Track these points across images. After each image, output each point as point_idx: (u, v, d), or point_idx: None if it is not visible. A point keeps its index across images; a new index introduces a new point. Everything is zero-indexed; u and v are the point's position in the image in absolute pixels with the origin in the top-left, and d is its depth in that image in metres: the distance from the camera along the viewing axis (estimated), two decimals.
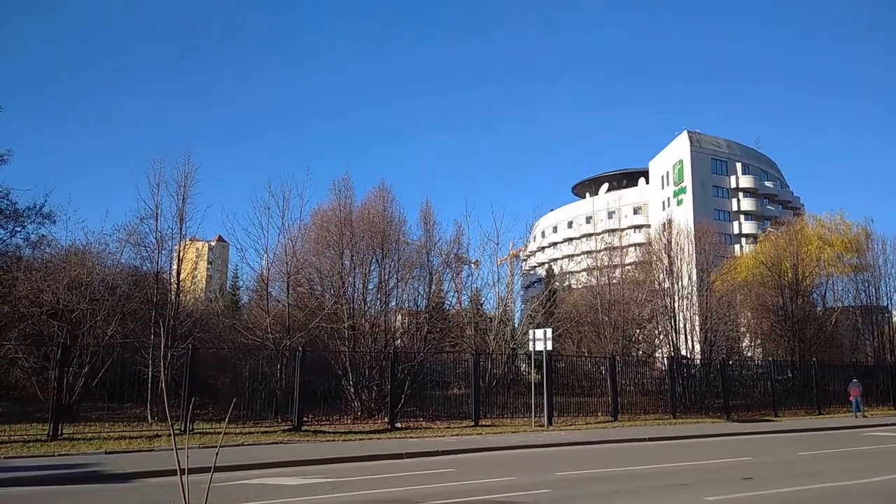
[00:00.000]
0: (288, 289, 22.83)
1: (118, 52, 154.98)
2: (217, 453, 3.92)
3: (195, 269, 31.89)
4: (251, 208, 22.40)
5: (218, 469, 11.89)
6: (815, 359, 31.99)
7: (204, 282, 63.32)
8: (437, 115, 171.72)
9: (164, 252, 21.66)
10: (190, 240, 27.42)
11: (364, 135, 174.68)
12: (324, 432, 18.44)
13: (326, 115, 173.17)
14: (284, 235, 22.91)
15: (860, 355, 38.67)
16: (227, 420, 5.33)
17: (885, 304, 42.45)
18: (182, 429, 16.08)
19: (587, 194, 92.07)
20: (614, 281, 37.65)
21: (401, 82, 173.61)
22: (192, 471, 3.73)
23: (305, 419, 19.27)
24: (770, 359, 32.39)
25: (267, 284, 23.42)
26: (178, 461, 3.50)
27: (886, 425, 24.43)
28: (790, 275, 36.43)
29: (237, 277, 44.94)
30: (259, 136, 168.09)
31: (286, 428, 18.46)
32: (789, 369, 32.47)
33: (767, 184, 78.00)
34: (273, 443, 16.34)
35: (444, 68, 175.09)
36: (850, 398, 28.87)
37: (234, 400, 8.71)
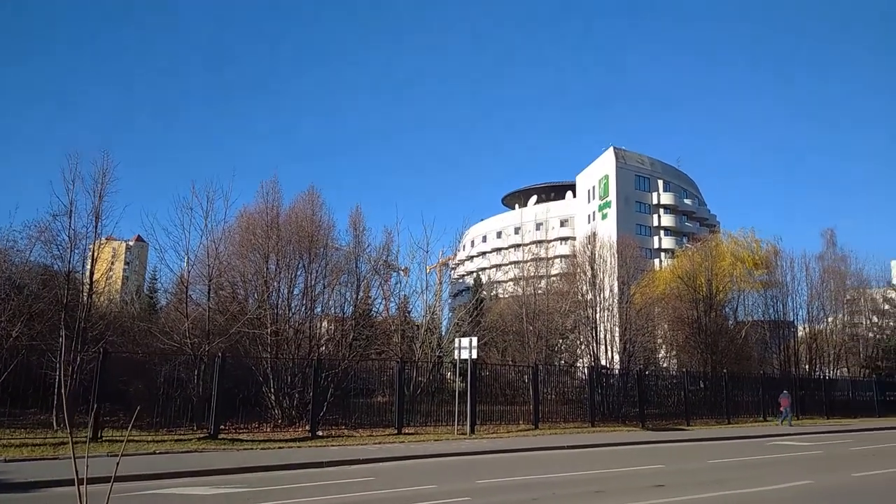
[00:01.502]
0: (209, 292, 22.15)
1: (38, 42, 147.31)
2: (119, 462, 3.76)
3: (111, 269, 30.55)
4: (173, 208, 21.63)
5: (127, 479, 11.42)
6: (725, 370, 33.52)
7: (120, 283, 60.70)
8: (369, 123, 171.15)
9: (77, 251, 20.59)
10: (106, 239, 26.25)
11: (294, 142, 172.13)
12: (241, 441, 17.96)
13: (255, 121, 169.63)
14: (207, 237, 22.21)
15: (768, 367, 40.73)
16: (134, 426, 5.12)
17: (792, 319, 45.07)
18: (90, 436, 15.32)
19: (516, 205, 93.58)
20: (540, 291, 38.43)
21: (332, 90, 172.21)
22: (96, 480, 3.57)
23: (223, 427, 18.71)
24: (684, 370, 33.68)
25: (187, 287, 22.63)
26: (76, 470, 3.34)
27: (790, 434, 25.83)
28: (704, 289, 38.11)
29: (155, 279, 43.34)
30: (185, 142, 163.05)
31: (202, 436, 17.86)
32: (702, 380, 33.86)
33: (686, 201, 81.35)
34: (187, 451, 15.76)
35: (378, 76, 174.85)
36: (781, 408, 31.12)
37: (143, 406, 8.38)
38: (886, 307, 56.48)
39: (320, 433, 19.79)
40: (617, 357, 31.77)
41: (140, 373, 21.94)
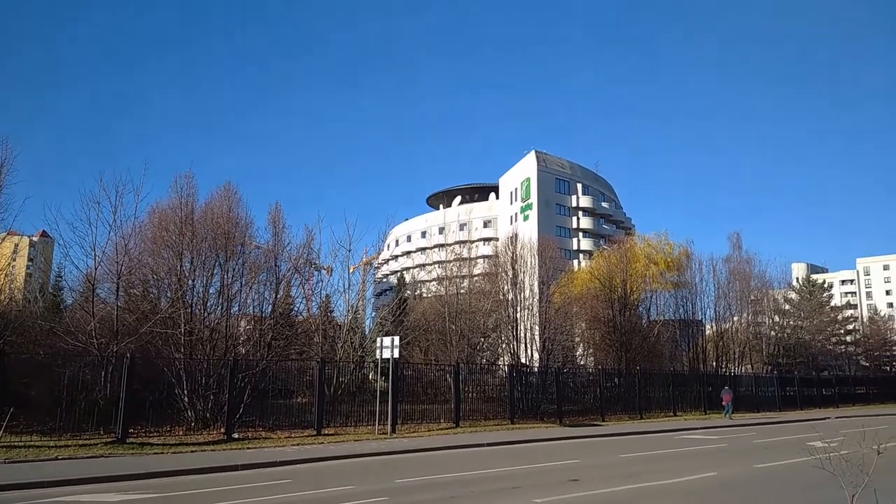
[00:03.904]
0: (118, 290, 21.15)
1: None
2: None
3: (12, 265, 28.73)
4: (79, 202, 20.34)
5: (28, 486, 10.88)
6: (639, 367, 34.75)
7: (22, 280, 57.12)
8: (292, 119, 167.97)
9: None
10: (7, 233, 24.72)
11: (211, 136, 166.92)
12: (152, 444, 17.24)
13: (173, 115, 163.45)
14: (116, 233, 21.15)
15: (678, 365, 42.53)
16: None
17: (700, 318, 47.28)
18: None
19: (441, 206, 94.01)
20: (463, 291, 38.75)
21: (254, 87, 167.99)
22: None
23: (132, 431, 17.91)
24: (600, 367, 34.70)
25: (93, 285, 21.49)
26: None
27: (698, 429, 27.01)
28: (620, 289, 39.40)
29: (61, 277, 41.02)
30: (96, 130, 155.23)
31: (109, 440, 17.03)
32: (616, 377, 34.93)
33: (604, 204, 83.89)
34: (93, 456, 15.01)
35: (302, 74, 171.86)
36: (723, 403, 33.47)
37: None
38: (787, 307, 60.17)
39: (236, 436, 19.24)
40: (537, 355, 32.39)
41: (42, 375, 20.69)
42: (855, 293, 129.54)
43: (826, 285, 79.24)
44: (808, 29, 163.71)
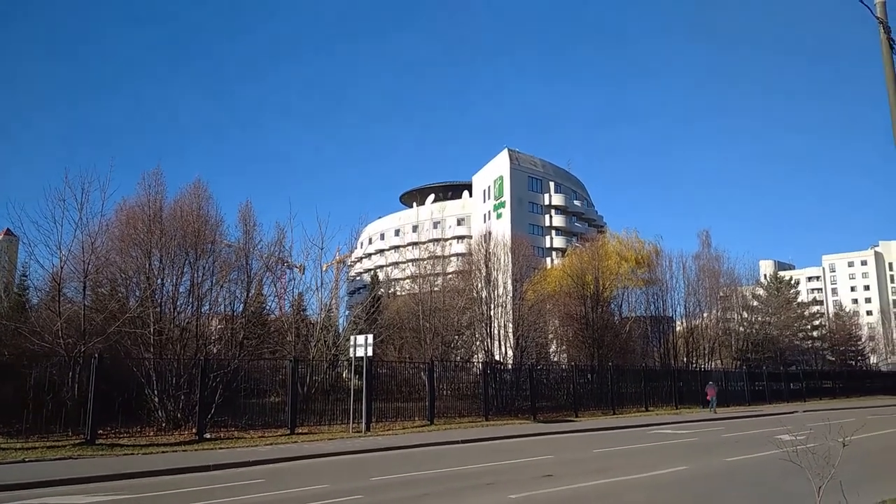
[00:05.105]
0: (84, 289, 20.70)
1: None
2: None
3: None
4: (44, 200, 19.81)
5: None
6: (611, 363, 35.07)
7: None
8: (263, 116, 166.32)
9: None
10: None
11: (181, 132, 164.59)
12: (122, 446, 16.94)
13: (138, 110, 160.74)
14: (82, 231, 20.67)
15: (649, 360, 43.03)
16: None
17: (671, 314, 47.88)
18: None
19: (414, 204, 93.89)
20: (437, 289, 38.76)
21: (223, 83, 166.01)
22: None
23: (101, 432, 17.60)
24: (573, 363, 35.00)
25: (59, 284, 21.00)
26: None
27: (669, 423, 27.36)
28: (592, 287, 39.75)
29: (26, 276, 40.03)
30: (62, 131, 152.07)
31: (77, 442, 16.71)
32: (589, 373, 35.23)
33: (576, 203, 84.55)
34: (60, 458, 14.72)
35: (274, 70, 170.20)
36: (708, 397, 34.11)
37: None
38: (755, 303, 61.23)
39: (208, 436, 19.01)
40: (511, 352, 32.53)
41: (8, 376, 20.21)
42: (821, 289, 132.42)
43: (793, 282, 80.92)
44: (770, 27, 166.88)
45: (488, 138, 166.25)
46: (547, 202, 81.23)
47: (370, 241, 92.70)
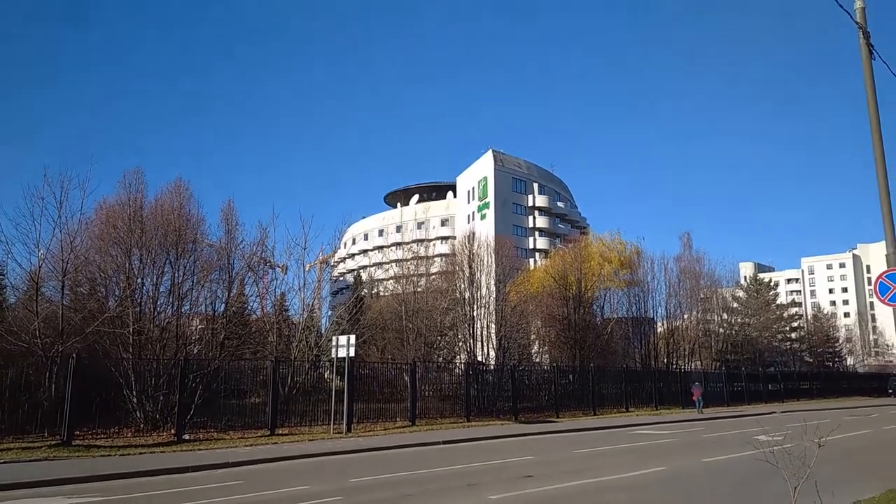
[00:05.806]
0: (63, 289, 20.44)
1: None
2: None
3: None
4: (22, 198, 19.53)
5: None
6: (592, 364, 35.26)
7: None
8: (246, 114, 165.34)
9: None
10: None
11: (162, 133, 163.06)
12: (99, 447, 16.74)
13: (118, 110, 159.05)
14: (61, 230, 20.41)
15: (630, 361, 43.27)
16: None
17: (652, 315, 48.21)
18: None
19: (398, 204, 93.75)
20: (419, 289, 38.65)
21: (206, 83, 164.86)
22: None
23: (78, 433, 17.37)
24: (555, 364, 35.04)
25: (37, 283, 20.70)
26: None
27: (650, 424, 27.55)
28: (575, 288, 39.94)
29: (3, 275, 39.46)
30: (41, 128, 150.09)
31: (54, 443, 16.48)
32: (571, 374, 35.35)
33: (560, 204, 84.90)
34: (36, 459, 14.52)
35: (257, 69, 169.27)
36: (693, 398, 34.32)
37: None
38: (735, 305, 61.93)
39: (187, 437, 18.83)
40: (493, 353, 32.56)
41: None
42: (800, 291, 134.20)
43: (772, 284, 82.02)
44: (751, 35, 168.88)
45: (473, 139, 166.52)
46: (531, 203, 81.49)
47: (354, 242, 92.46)
